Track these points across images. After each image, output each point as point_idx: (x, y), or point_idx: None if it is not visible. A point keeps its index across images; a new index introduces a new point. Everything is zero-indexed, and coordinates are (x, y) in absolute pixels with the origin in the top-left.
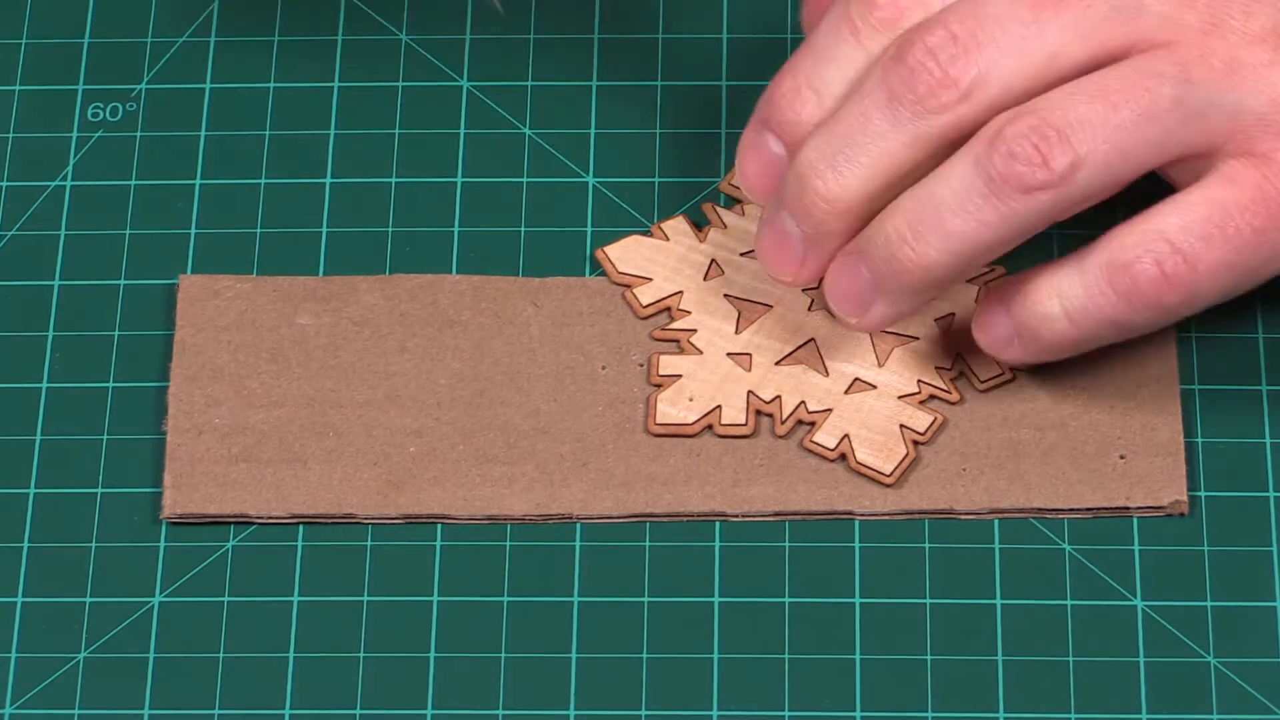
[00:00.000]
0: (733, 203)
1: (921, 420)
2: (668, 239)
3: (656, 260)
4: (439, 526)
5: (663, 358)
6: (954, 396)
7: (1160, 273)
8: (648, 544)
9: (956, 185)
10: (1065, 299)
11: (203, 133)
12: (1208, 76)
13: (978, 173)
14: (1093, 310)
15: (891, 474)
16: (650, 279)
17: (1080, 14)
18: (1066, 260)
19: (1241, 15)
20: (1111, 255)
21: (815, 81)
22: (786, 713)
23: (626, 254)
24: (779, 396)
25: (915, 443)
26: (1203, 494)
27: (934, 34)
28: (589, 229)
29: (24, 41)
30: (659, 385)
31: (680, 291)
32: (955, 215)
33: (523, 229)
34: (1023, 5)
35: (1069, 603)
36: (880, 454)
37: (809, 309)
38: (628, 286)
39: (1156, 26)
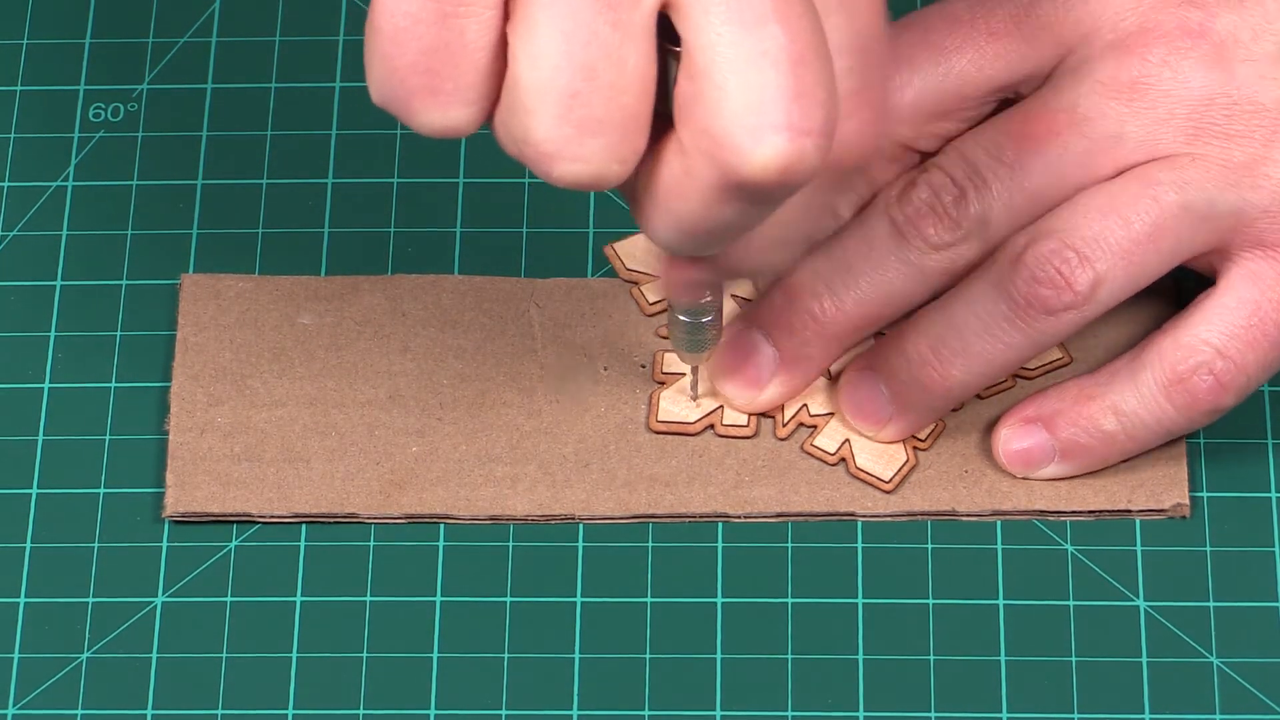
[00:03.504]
0: None
1: None
2: None
3: None
4: (441, 526)
5: (666, 355)
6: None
7: (1216, 382)
8: (650, 545)
9: (979, 308)
10: (1123, 416)
11: (204, 133)
12: (1204, 178)
13: (1001, 296)
14: (1152, 425)
15: (891, 480)
16: (658, 276)
17: (1059, 151)
18: (1114, 377)
19: (1223, 119)
20: (1165, 371)
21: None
22: (790, 713)
23: (635, 250)
24: None
25: (915, 449)
26: (1204, 494)
27: (934, 176)
28: (591, 230)
29: (25, 42)
30: (662, 383)
31: None
32: (980, 337)
33: (525, 230)
34: (1006, 146)
35: (1071, 603)
36: (880, 460)
37: None
38: (634, 283)
39: (1138, 149)
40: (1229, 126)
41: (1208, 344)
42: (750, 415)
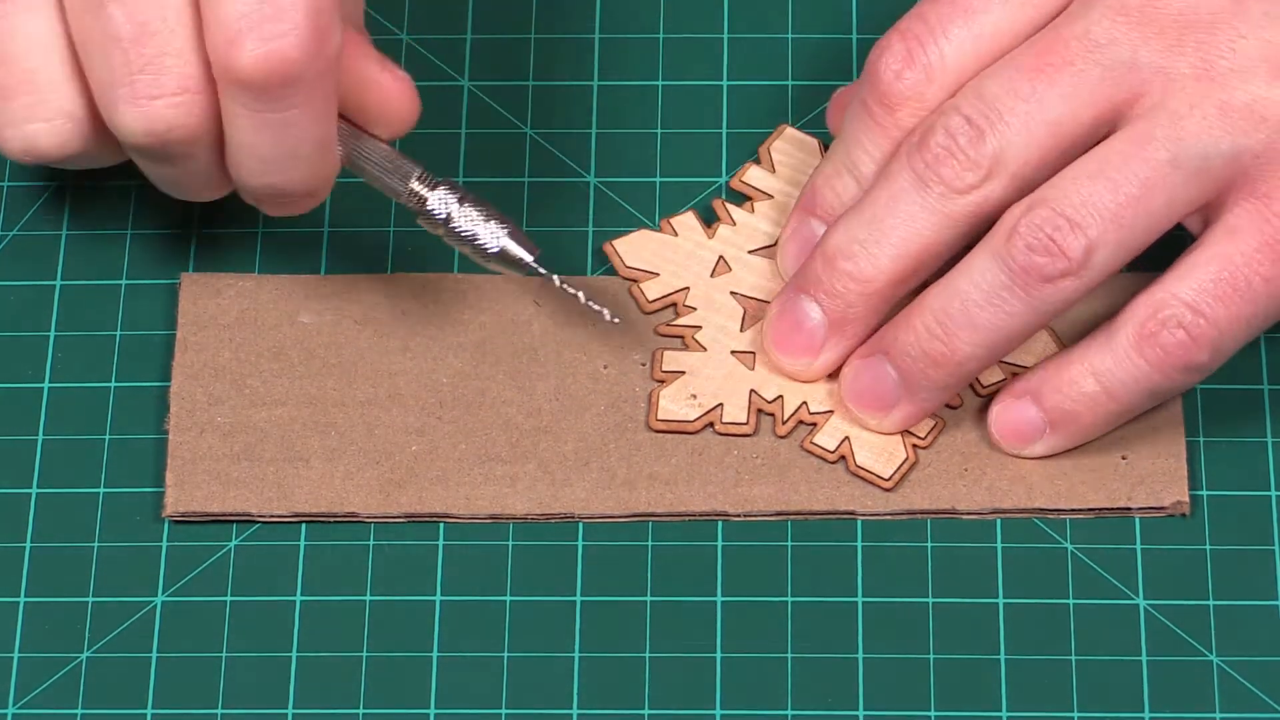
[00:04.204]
0: (742, 200)
1: (922, 424)
2: (676, 234)
3: (664, 255)
4: (441, 525)
5: (666, 353)
6: (956, 401)
7: (1188, 337)
8: (650, 543)
9: (980, 280)
10: (1102, 376)
11: None
12: (1200, 128)
13: (1000, 267)
14: (1129, 383)
15: (890, 478)
16: (657, 274)
17: (1074, 79)
18: (1093, 340)
19: (1229, 52)
20: (1137, 328)
21: (849, 164)
22: (789, 712)
23: (634, 248)
24: (781, 396)
25: (915, 447)
26: (1204, 493)
27: (951, 119)
28: (590, 229)
29: None
30: (662, 381)
31: (687, 287)
32: (983, 309)
33: (524, 229)
34: (1021, 80)
35: (1071, 602)
36: (880, 458)
37: None
38: (634, 281)
39: (1150, 78)
40: (1234, 61)
41: (1177, 298)
42: (750, 413)
